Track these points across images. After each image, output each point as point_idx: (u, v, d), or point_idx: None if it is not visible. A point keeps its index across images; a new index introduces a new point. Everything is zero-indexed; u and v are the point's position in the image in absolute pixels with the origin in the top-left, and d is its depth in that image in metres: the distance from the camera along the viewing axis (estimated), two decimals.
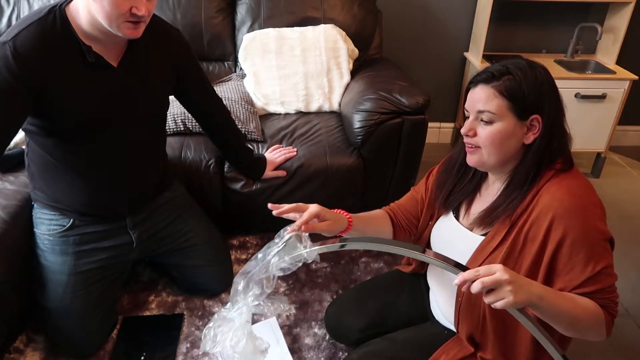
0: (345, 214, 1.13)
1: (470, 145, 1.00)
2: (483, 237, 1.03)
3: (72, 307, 1.36)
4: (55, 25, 1.14)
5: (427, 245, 1.24)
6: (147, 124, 1.38)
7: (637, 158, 2.79)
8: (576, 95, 2.34)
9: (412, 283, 1.34)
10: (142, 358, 1.42)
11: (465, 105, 1.00)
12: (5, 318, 1.34)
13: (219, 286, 1.66)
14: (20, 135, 1.69)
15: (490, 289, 0.80)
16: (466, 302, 1.07)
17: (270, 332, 1.49)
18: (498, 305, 0.80)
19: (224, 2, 2.14)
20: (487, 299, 0.81)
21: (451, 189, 1.14)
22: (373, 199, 1.84)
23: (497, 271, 0.79)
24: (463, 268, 0.85)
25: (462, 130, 1.00)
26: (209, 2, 2.09)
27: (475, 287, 0.79)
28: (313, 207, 1.03)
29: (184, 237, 1.55)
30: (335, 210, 1.11)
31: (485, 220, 1.03)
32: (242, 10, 2.14)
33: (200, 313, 1.58)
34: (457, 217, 1.13)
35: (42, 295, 1.37)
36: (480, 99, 0.96)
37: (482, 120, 0.97)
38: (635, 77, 2.33)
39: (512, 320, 1.01)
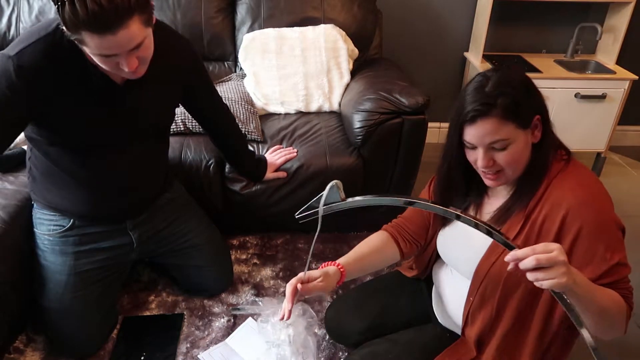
0: (334, 264, 1.12)
1: (490, 173, 0.98)
2: None
3: (72, 307, 1.36)
4: (62, 42, 1.07)
5: (434, 253, 1.22)
6: (152, 136, 1.38)
7: (637, 158, 2.79)
8: (576, 95, 2.34)
9: (413, 284, 1.33)
10: (142, 358, 1.42)
11: (469, 140, 0.97)
12: (5, 318, 1.34)
13: (219, 286, 1.66)
14: (21, 135, 1.69)
15: (540, 267, 0.77)
16: (478, 301, 1.06)
17: (255, 334, 1.49)
18: (545, 284, 0.77)
19: (224, 2, 2.13)
20: (534, 276, 0.77)
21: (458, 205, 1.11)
22: None
23: (554, 250, 0.77)
24: (508, 243, 0.82)
25: (481, 164, 0.96)
26: (209, 2, 2.09)
27: (528, 263, 0.76)
28: (292, 281, 1.03)
29: (184, 237, 1.55)
30: (323, 265, 1.11)
31: (500, 219, 1.02)
32: (242, 10, 2.14)
33: (200, 313, 1.58)
34: None
35: (42, 295, 1.37)
36: (487, 132, 0.93)
37: (494, 148, 0.95)
38: (635, 77, 2.33)
39: (523, 321, 1.01)
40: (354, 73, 2.12)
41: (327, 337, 1.47)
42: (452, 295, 1.17)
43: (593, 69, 2.54)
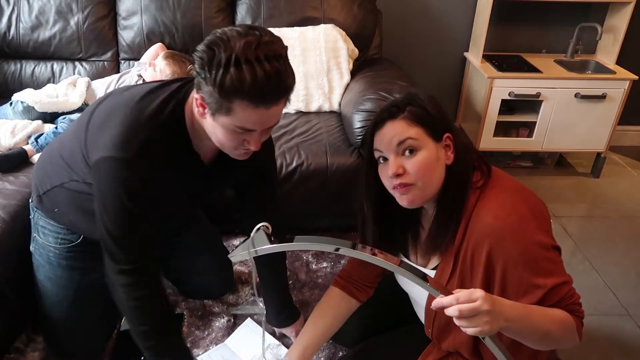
0: None
1: (402, 185, 0.94)
2: (435, 272, 1.03)
3: (78, 320, 1.34)
4: (171, 127, 1.00)
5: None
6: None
7: (637, 158, 2.79)
8: (576, 95, 2.34)
9: None
10: (142, 358, 1.42)
11: (378, 147, 0.97)
12: (6, 318, 1.34)
13: (219, 290, 1.66)
14: (21, 135, 1.69)
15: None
16: (437, 332, 1.08)
17: (253, 334, 1.50)
18: (469, 331, 0.78)
19: (224, 2, 2.14)
20: (459, 322, 0.78)
21: (388, 239, 1.09)
22: None
23: (477, 299, 0.76)
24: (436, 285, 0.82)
25: (391, 171, 0.94)
26: (209, 2, 2.09)
27: (452, 312, 0.77)
28: None
29: (185, 242, 1.54)
30: None
31: (429, 253, 1.02)
32: (242, 10, 2.15)
33: (200, 313, 1.58)
34: (407, 256, 1.11)
35: (44, 305, 1.34)
36: (396, 132, 0.94)
37: (404, 153, 0.94)
38: (635, 77, 2.33)
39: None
40: (354, 73, 2.12)
41: None
42: (420, 316, 1.17)
43: (593, 69, 2.54)
